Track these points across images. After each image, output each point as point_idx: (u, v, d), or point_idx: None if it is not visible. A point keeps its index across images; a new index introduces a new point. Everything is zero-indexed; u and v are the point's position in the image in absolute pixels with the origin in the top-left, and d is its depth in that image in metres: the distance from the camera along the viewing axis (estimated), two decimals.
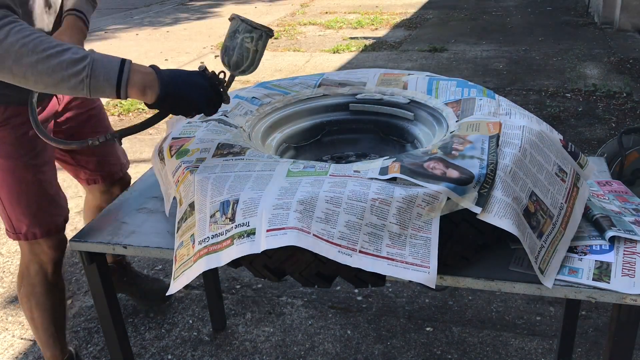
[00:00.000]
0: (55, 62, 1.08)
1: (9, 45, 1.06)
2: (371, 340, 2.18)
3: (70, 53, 1.09)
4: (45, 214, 1.66)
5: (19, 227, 1.65)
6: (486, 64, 5.54)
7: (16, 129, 1.57)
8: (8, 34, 1.06)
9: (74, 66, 1.09)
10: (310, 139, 1.70)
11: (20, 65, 1.08)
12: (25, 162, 1.60)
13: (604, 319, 2.21)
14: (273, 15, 8.80)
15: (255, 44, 1.31)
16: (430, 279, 1.09)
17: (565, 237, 1.21)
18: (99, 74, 1.11)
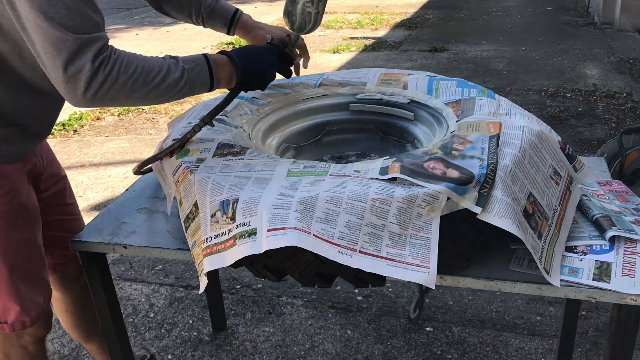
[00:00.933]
0: (162, 88, 1.17)
1: (121, 86, 1.10)
2: (371, 340, 2.18)
3: (171, 74, 1.17)
4: (36, 296, 1.41)
5: (4, 316, 1.38)
6: (486, 64, 5.54)
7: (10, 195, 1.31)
8: (119, 74, 1.09)
9: (176, 86, 1.19)
10: (310, 139, 1.70)
11: (131, 99, 1.15)
12: (18, 237, 1.34)
13: (604, 319, 2.21)
14: (273, 15, 8.80)
15: (316, 6, 1.41)
16: (429, 280, 1.09)
17: (560, 239, 1.21)
18: (195, 84, 1.23)
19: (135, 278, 2.63)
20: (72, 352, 2.20)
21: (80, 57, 1.05)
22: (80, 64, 1.05)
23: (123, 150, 4.09)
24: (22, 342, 1.46)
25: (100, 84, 1.07)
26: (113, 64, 1.08)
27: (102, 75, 1.07)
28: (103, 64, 1.07)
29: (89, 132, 4.47)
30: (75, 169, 3.79)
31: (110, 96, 1.10)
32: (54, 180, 1.54)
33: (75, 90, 1.07)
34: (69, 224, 1.58)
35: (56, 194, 1.55)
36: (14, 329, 1.40)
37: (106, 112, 4.84)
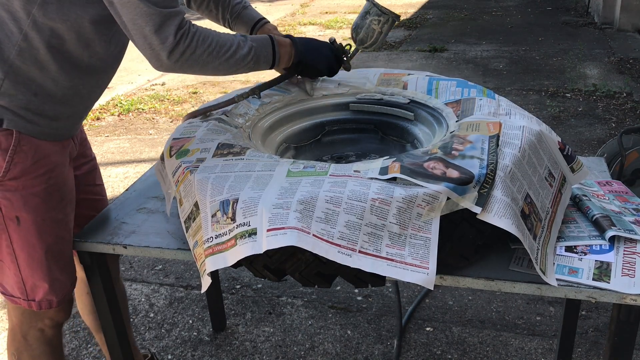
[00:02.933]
0: (232, 61, 1.33)
1: (198, 56, 1.26)
2: (371, 340, 2.18)
3: (240, 50, 1.34)
4: (65, 277, 1.44)
5: (33, 294, 1.40)
6: (486, 64, 5.54)
7: (48, 175, 1.35)
8: (197, 46, 1.25)
9: (244, 60, 1.36)
10: (310, 139, 1.70)
11: (205, 69, 1.31)
12: (53, 217, 1.37)
13: (604, 319, 2.21)
14: (273, 15, 8.80)
15: (381, 27, 1.56)
16: (428, 280, 1.09)
17: (551, 240, 1.22)
18: (260, 60, 1.40)
19: (135, 278, 2.63)
20: (72, 352, 2.20)
21: (165, 29, 1.20)
22: (165, 35, 1.20)
23: (123, 150, 4.09)
24: (40, 325, 1.48)
25: (181, 53, 1.23)
26: (192, 37, 1.24)
27: (183, 46, 1.23)
28: (184, 37, 1.23)
29: (88, 132, 4.47)
30: None
31: (188, 64, 1.26)
32: (85, 160, 1.60)
33: (159, 57, 1.23)
34: (98, 204, 1.65)
35: (87, 174, 1.61)
36: (40, 307, 1.42)
37: (106, 112, 4.84)
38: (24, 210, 1.32)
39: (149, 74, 5.88)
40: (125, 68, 6.10)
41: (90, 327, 1.84)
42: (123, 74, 5.90)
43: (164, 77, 5.80)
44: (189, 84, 5.50)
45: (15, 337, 1.50)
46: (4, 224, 1.33)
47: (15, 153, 1.28)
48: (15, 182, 1.30)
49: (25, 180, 1.31)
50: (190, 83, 5.53)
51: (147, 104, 4.97)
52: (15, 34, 1.23)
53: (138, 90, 5.45)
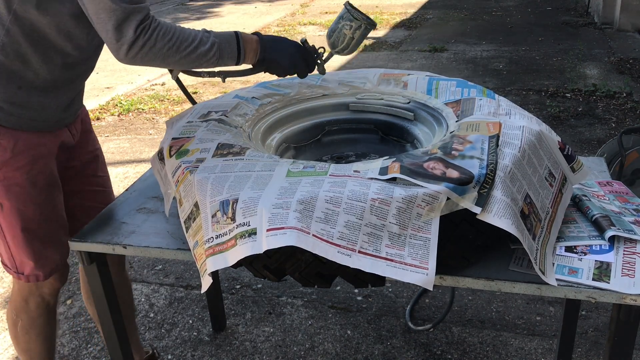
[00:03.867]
0: (194, 56, 1.35)
1: (158, 50, 1.29)
2: (371, 340, 2.18)
3: (202, 45, 1.35)
4: (51, 254, 1.53)
5: (22, 268, 1.53)
6: (486, 64, 5.54)
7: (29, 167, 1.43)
8: (156, 40, 1.28)
9: (206, 56, 1.36)
10: (310, 139, 1.70)
11: (166, 63, 1.34)
12: (37, 202, 1.46)
13: (604, 319, 2.21)
14: (273, 15, 8.80)
15: (353, 32, 1.52)
16: (428, 281, 1.09)
17: (550, 240, 1.22)
18: (224, 55, 1.40)
19: (135, 278, 2.63)
20: (72, 351, 2.20)
21: (125, 24, 1.25)
22: (125, 30, 1.25)
23: (123, 150, 4.08)
24: (39, 292, 1.60)
25: (140, 47, 1.27)
26: (152, 32, 1.27)
27: (142, 41, 1.27)
28: (143, 32, 1.26)
29: None
30: None
31: (148, 58, 1.30)
32: (86, 151, 1.66)
33: (119, 50, 1.27)
34: (101, 195, 1.71)
35: (88, 164, 1.67)
36: (28, 280, 1.55)
37: (106, 112, 4.84)
38: (6, 197, 1.43)
39: (149, 74, 5.88)
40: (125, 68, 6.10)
41: (93, 317, 1.89)
42: (123, 74, 5.90)
43: (164, 77, 5.80)
44: (189, 84, 5.50)
45: (16, 299, 1.63)
46: None
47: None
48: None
49: (6, 172, 1.41)
50: (190, 83, 5.53)
51: (147, 104, 4.97)
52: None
53: (138, 90, 5.45)
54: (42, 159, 1.45)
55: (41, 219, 1.49)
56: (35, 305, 1.62)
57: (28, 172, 1.43)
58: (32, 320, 1.65)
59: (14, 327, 1.67)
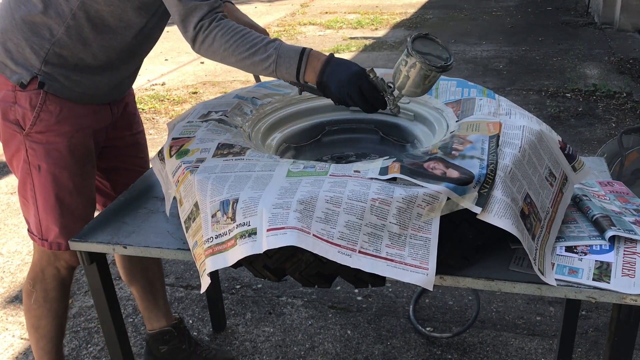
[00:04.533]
0: (248, 62, 1.39)
1: (215, 50, 1.38)
2: (371, 340, 2.18)
3: (259, 54, 1.38)
4: (75, 227, 1.57)
5: (46, 234, 1.59)
6: (486, 64, 5.54)
7: (70, 134, 1.52)
8: (214, 40, 1.36)
9: (261, 65, 1.39)
10: (310, 139, 1.70)
11: (226, 62, 1.41)
12: (72, 171, 1.55)
13: (604, 319, 2.21)
14: (273, 15, 8.80)
15: (408, 70, 1.32)
16: (428, 281, 1.09)
17: (549, 240, 1.22)
18: (281, 69, 1.40)
19: None
20: (72, 352, 2.20)
21: (187, 20, 1.36)
22: (187, 26, 1.37)
23: None
24: (56, 264, 1.66)
25: (200, 43, 1.38)
26: (210, 31, 1.36)
27: (201, 38, 1.37)
28: (202, 30, 1.36)
29: None
30: None
31: (209, 54, 1.40)
32: (130, 133, 1.77)
33: (188, 41, 1.39)
34: (136, 175, 1.78)
35: (131, 146, 1.78)
36: (51, 247, 1.60)
37: None
38: (45, 160, 1.51)
39: (149, 74, 5.88)
40: None
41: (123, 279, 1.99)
42: None
43: (164, 77, 5.80)
44: (189, 84, 5.51)
45: (34, 269, 1.69)
46: (29, 170, 1.53)
47: (42, 111, 1.47)
48: (40, 136, 1.49)
49: (49, 136, 1.50)
50: (190, 83, 5.54)
51: (147, 104, 4.97)
52: (66, 13, 1.42)
53: (138, 90, 5.45)
54: (83, 131, 1.54)
55: (74, 190, 1.56)
56: (51, 276, 1.68)
57: (69, 139, 1.51)
58: (46, 292, 1.70)
59: (28, 299, 1.72)
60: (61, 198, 1.55)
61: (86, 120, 1.55)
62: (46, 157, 1.51)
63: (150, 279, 1.97)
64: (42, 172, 1.52)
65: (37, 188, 1.54)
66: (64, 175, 1.54)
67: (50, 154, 1.51)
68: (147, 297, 1.98)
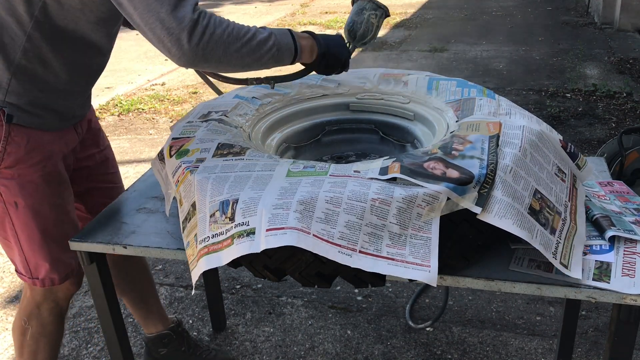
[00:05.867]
0: (254, 43, 1.23)
1: (218, 37, 1.17)
2: (371, 340, 2.18)
3: (259, 34, 1.25)
4: (66, 257, 1.51)
5: (36, 272, 1.50)
6: (486, 64, 5.54)
7: (42, 164, 1.42)
8: (215, 27, 1.17)
9: (266, 44, 1.26)
10: (310, 139, 1.70)
11: (228, 53, 1.21)
12: (52, 202, 1.45)
13: (604, 319, 2.21)
14: (273, 15, 8.80)
15: (378, 21, 1.56)
16: (431, 278, 1.09)
17: (579, 232, 1.20)
18: (282, 47, 1.29)
19: None
20: (72, 352, 2.20)
21: (181, 8, 1.13)
22: (182, 14, 1.13)
23: (123, 150, 4.08)
24: (53, 298, 1.58)
25: (201, 33, 1.15)
26: (209, 18, 1.17)
27: (202, 26, 1.15)
28: (201, 16, 1.16)
29: None
30: None
31: (210, 48, 1.17)
32: (98, 150, 1.67)
33: (180, 41, 1.13)
34: (112, 191, 1.71)
35: (101, 164, 1.69)
36: (43, 285, 1.52)
37: (106, 112, 4.84)
38: (21, 196, 1.41)
39: (149, 74, 5.88)
40: (125, 68, 6.11)
41: None
42: (123, 74, 5.90)
43: (164, 77, 5.80)
44: (189, 84, 5.50)
45: (28, 307, 1.59)
46: (5, 208, 1.43)
47: (8, 144, 1.37)
48: (10, 171, 1.39)
49: (20, 169, 1.40)
50: (190, 83, 5.53)
51: (147, 104, 4.97)
52: (19, 36, 1.31)
53: (138, 90, 5.45)
54: (53, 157, 1.45)
55: (57, 220, 1.48)
56: (48, 311, 1.59)
57: (42, 169, 1.42)
58: (43, 327, 1.60)
59: (22, 336, 1.62)
60: (46, 231, 1.46)
61: (55, 145, 1.45)
62: (21, 192, 1.41)
63: (141, 290, 1.92)
64: (20, 209, 1.42)
65: (18, 226, 1.44)
66: (44, 207, 1.44)
67: (25, 187, 1.41)
68: (140, 306, 1.94)
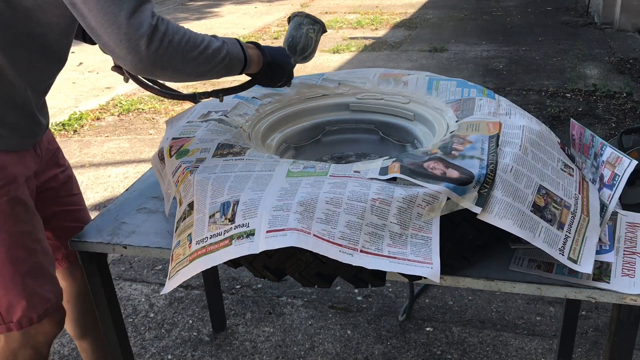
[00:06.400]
0: (209, 52, 1.19)
1: (177, 44, 1.13)
2: (371, 340, 2.18)
3: (213, 42, 1.22)
4: (43, 290, 1.36)
5: (9, 315, 1.32)
6: (486, 64, 5.54)
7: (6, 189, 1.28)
8: (173, 34, 1.12)
9: (220, 53, 1.22)
10: (310, 139, 1.70)
11: (185, 61, 1.15)
12: (21, 229, 1.31)
13: (604, 319, 2.21)
14: (273, 15, 8.80)
15: (317, 35, 1.58)
16: (434, 274, 1.08)
17: (591, 223, 1.18)
18: (234, 56, 1.26)
19: (135, 278, 2.63)
20: (72, 352, 2.20)
21: (140, 13, 1.08)
22: (141, 20, 1.08)
23: (123, 150, 4.09)
24: (32, 343, 1.39)
25: (160, 40, 1.10)
26: (167, 24, 1.12)
27: (160, 33, 1.10)
28: (159, 21, 1.11)
29: (89, 132, 4.47)
30: (75, 169, 3.78)
31: (169, 54, 1.12)
32: (59, 171, 1.55)
33: (138, 47, 1.08)
34: (78, 214, 1.60)
35: (64, 185, 1.57)
36: (21, 326, 1.34)
37: (106, 112, 4.84)
38: None
39: None
40: None
41: (73, 335, 1.77)
42: None
43: None
44: (189, 84, 5.50)
45: (2, 356, 1.41)
46: None
47: None
48: None
49: None
50: (190, 83, 5.53)
51: (147, 104, 4.97)
52: None
53: (138, 90, 5.45)
54: (17, 181, 1.31)
55: (29, 249, 1.33)
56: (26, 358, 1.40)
57: (7, 194, 1.28)
58: None
59: None
60: (18, 264, 1.31)
61: (17, 168, 1.31)
62: None
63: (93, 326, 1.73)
64: None
65: None
66: (15, 236, 1.30)
67: None
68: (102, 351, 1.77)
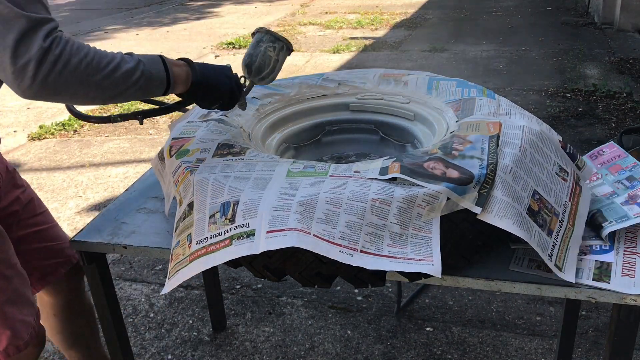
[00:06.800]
0: (118, 75, 1.07)
1: (74, 68, 1.00)
2: (371, 340, 2.18)
3: (125, 63, 1.08)
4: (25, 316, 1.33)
5: None
6: (486, 64, 5.54)
7: None
8: (71, 55, 0.99)
9: (133, 76, 1.09)
10: (310, 139, 1.70)
11: (86, 85, 1.03)
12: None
13: (604, 319, 2.21)
14: (273, 15, 8.80)
15: (277, 54, 1.40)
16: (435, 270, 1.08)
17: (575, 233, 1.20)
18: (152, 77, 1.13)
19: (135, 278, 2.63)
20: None
21: (31, 35, 0.96)
22: (32, 43, 0.95)
23: (123, 150, 4.09)
24: None
25: (52, 64, 0.97)
26: (65, 45, 0.99)
27: (54, 56, 0.97)
28: (54, 43, 0.98)
29: (89, 132, 4.47)
30: (75, 169, 3.79)
31: (62, 81, 0.99)
32: (19, 192, 1.47)
33: (25, 74, 0.95)
34: (46, 233, 1.52)
35: (27, 204, 1.49)
36: (8, 356, 1.32)
37: (106, 113, 4.84)
38: None
39: None
40: None
41: (61, 346, 1.74)
42: None
43: None
44: None
45: None
46: None
47: None
48: None
49: None
50: None
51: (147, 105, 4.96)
52: None
53: None
54: None
55: (5, 277, 1.28)
56: None
57: None
58: None
59: None
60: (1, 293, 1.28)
61: None
62: None
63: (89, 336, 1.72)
64: None
65: None
66: None
67: None
68: None
